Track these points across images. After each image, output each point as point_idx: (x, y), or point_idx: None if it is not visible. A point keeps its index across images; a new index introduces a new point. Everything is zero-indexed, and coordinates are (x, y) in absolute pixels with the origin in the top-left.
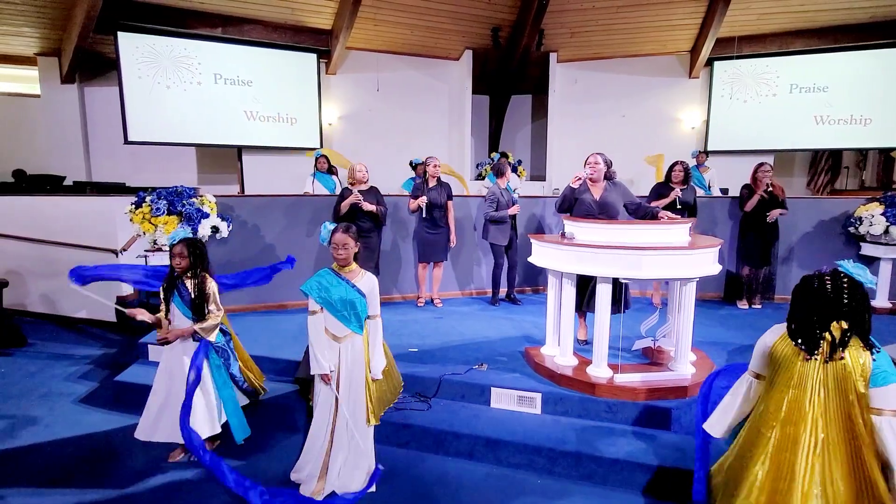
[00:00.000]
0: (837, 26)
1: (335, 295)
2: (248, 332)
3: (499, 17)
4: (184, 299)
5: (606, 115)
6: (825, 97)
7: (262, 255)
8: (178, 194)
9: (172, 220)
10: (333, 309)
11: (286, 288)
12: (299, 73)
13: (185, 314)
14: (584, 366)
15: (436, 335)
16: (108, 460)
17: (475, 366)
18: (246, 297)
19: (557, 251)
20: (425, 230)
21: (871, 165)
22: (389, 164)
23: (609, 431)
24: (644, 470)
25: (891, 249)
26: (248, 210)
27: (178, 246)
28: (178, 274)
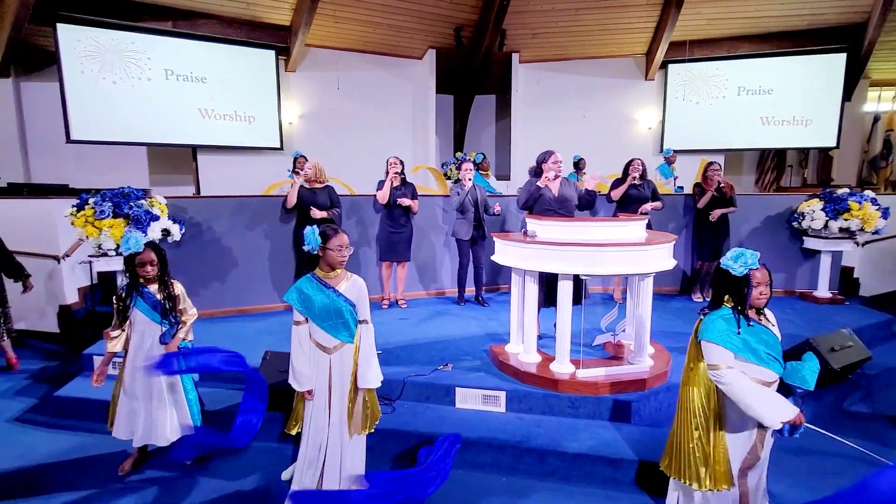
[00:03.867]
0: (779, 32)
1: (317, 304)
2: (207, 338)
3: (461, 16)
4: (150, 303)
5: (568, 115)
6: (770, 99)
7: (219, 258)
8: (124, 196)
9: (119, 224)
10: (318, 319)
11: (247, 291)
12: (257, 70)
13: (153, 319)
14: (547, 362)
15: (400, 336)
16: (49, 483)
17: (440, 366)
18: (205, 301)
19: (520, 249)
20: (389, 230)
21: (812, 164)
22: (352, 164)
23: (572, 427)
24: (606, 463)
25: (830, 243)
26: (203, 212)
27: (146, 254)
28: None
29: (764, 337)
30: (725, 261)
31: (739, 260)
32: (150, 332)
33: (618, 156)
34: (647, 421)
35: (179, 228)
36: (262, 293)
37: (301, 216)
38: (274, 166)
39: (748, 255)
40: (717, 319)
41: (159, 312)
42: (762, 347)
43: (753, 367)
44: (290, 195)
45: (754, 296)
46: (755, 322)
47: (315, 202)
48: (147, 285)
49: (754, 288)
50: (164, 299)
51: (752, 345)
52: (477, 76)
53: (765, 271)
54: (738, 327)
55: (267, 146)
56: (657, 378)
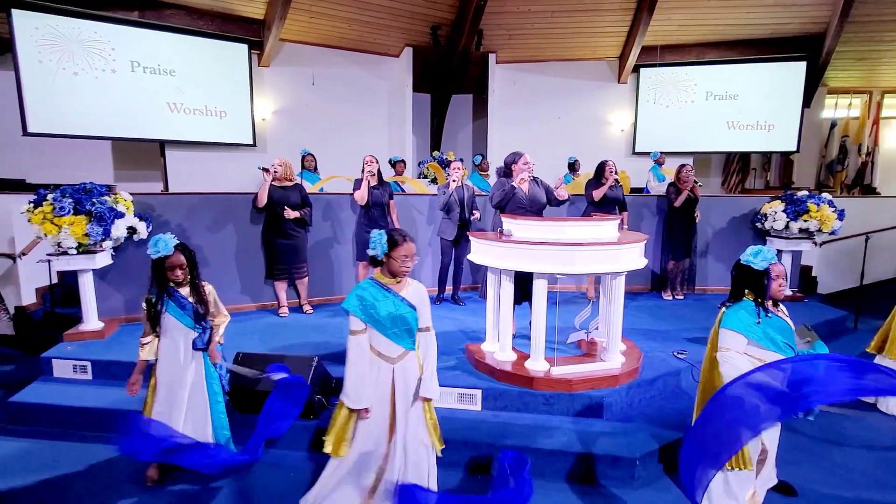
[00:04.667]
0: (744, 40)
1: (383, 311)
2: None
3: (438, 15)
4: (185, 309)
5: (543, 116)
6: (736, 104)
7: None
8: (86, 192)
9: (80, 221)
10: (382, 327)
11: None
12: (229, 64)
13: (185, 324)
14: (522, 360)
15: None
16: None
17: None
18: None
19: (496, 249)
20: (365, 229)
21: (774, 167)
22: (327, 162)
23: (546, 423)
24: (579, 459)
25: (791, 242)
26: (172, 209)
27: (176, 256)
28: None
29: (780, 326)
30: (746, 257)
31: (759, 256)
32: (183, 337)
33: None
34: (619, 416)
35: (146, 226)
36: (232, 293)
37: (271, 215)
38: (247, 163)
39: (766, 251)
40: (741, 311)
41: (192, 317)
42: (780, 336)
43: (771, 354)
44: (261, 194)
45: (774, 288)
46: (773, 313)
47: (287, 201)
48: (178, 289)
49: (773, 280)
50: (197, 303)
51: (770, 334)
52: (454, 75)
53: (781, 266)
54: (758, 318)
55: (239, 142)
56: (628, 374)
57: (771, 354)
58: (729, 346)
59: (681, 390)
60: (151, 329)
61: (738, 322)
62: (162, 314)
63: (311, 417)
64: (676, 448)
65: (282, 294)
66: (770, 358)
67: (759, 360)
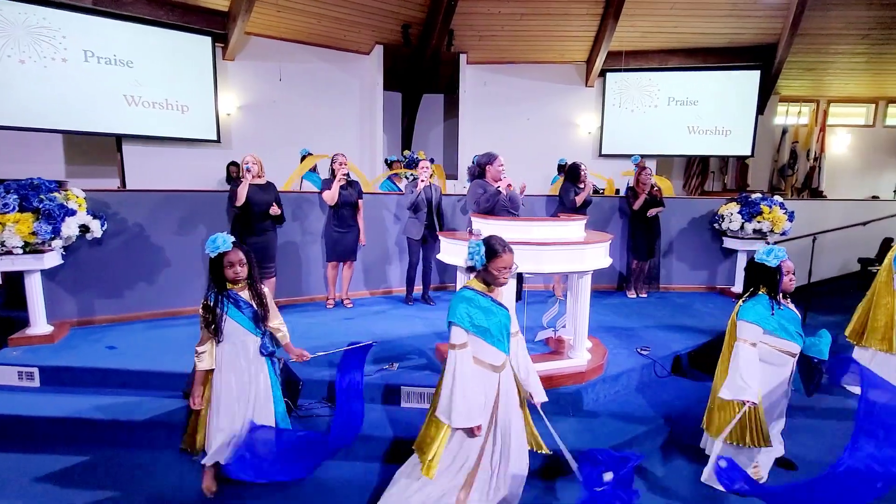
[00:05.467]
0: (704, 48)
1: (492, 320)
2: (129, 344)
3: (409, 14)
4: (245, 312)
5: (513, 117)
6: (696, 110)
7: (147, 257)
8: (33, 188)
9: (26, 218)
10: (490, 336)
11: (180, 293)
12: (191, 56)
13: (249, 329)
14: None
15: (346, 337)
16: None
17: (385, 366)
18: (130, 304)
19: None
20: (334, 229)
21: (731, 170)
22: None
23: None
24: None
25: (745, 242)
26: (128, 207)
27: (235, 253)
28: (234, 286)
29: (791, 317)
30: (760, 256)
31: (772, 254)
32: (245, 342)
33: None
34: (585, 412)
35: (100, 224)
36: (195, 294)
37: (243, 214)
38: (211, 159)
39: (777, 250)
40: (757, 304)
41: (254, 320)
42: (791, 326)
43: (784, 342)
44: (241, 193)
45: (785, 282)
46: (784, 305)
47: (262, 200)
48: (238, 291)
49: (785, 276)
50: (257, 305)
51: (783, 324)
52: (425, 75)
53: (790, 262)
54: (772, 310)
55: (202, 138)
56: (594, 371)
57: (784, 343)
58: (746, 336)
59: (644, 385)
60: (213, 335)
61: (754, 314)
62: (223, 318)
63: None
64: (643, 440)
65: None
66: (784, 345)
67: (774, 348)
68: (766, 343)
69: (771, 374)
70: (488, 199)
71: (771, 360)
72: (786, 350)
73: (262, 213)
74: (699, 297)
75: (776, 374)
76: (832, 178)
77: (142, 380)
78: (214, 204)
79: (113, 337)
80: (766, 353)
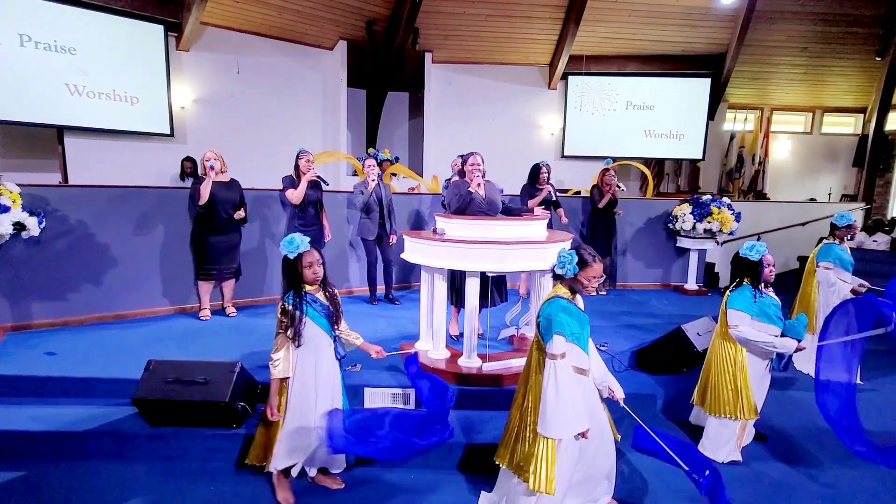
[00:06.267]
0: (659, 55)
1: (584, 327)
2: (72, 350)
3: (373, 10)
4: (322, 314)
5: (478, 117)
6: (652, 114)
7: (92, 257)
8: None
9: None
10: (583, 343)
11: (129, 294)
12: (141, 45)
13: (326, 330)
14: (455, 358)
15: None
16: None
17: (348, 367)
18: (74, 307)
19: (430, 247)
20: (299, 227)
21: (684, 173)
22: (255, 156)
23: (479, 419)
24: None
25: (697, 242)
26: (71, 203)
27: (312, 253)
28: (310, 287)
29: (771, 303)
30: (743, 251)
31: (754, 249)
32: (320, 346)
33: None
34: None
35: (38, 222)
36: (146, 296)
37: (206, 213)
38: (164, 154)
39: (759, 246)
40: (743, 294)
41: (329, 322)
42: (772, 311)
43: (767, 326)
44: (204, 191)
45: (766, 274)
46: (766, 294)
47: (227, 198)
48: (313, 292)
49: (765, 268)
50: (331, 306)
51: (765, 310)
52: (390, 72)
53: (770, 256)
54: (755, 298)
55: (154, 132)
56: None
57: (767, 326)
58: (737, 322)
59: None
60: (293, 339)
61: (741, 303)
62: (303, 321)
63: (233, 426)
64: None
65: (205, 296)
66: (767, 329)
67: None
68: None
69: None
70: (459, 199)
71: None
72: (768, 332)
73: (225, 212)
74: (655, 294)
75: (760, 354)
76: (775, 181)
77: (86, 387)
78: (169, 201)
79: (54, 342)
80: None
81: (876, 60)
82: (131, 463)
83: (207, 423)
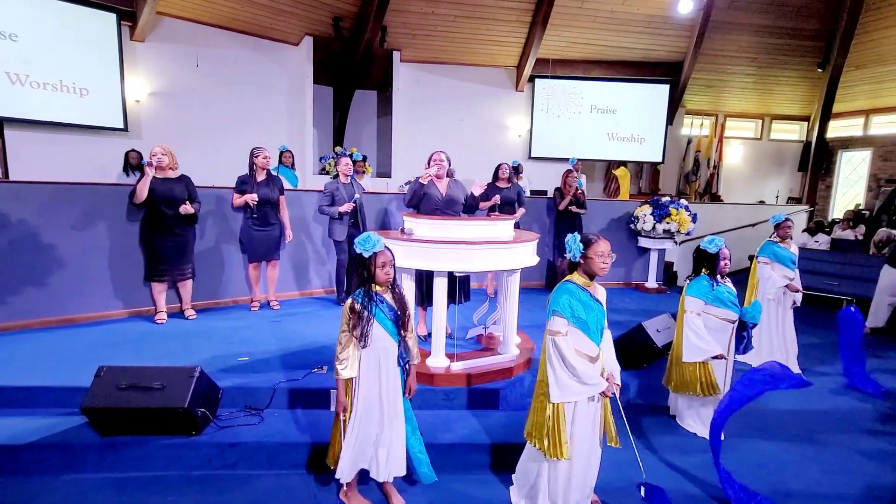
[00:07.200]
0: (622, 61)
1: (591, 315)
2: (13, 357)
3: (341, 6)
4: (389, 316)
5: (446, 117)
6: (614, 118)
7: (35, 258)
8: None
9: None
10: (587, 329)
11: (76, 297)
12: (92, 34)
13: (391, 334)
14: (423, 358)
15: (272, 340)
16: None
17: (314, 369)
18: (15, 311)
19: (397, 247)
20: (254, 228)
21: (645, 175)
22: (216, 153)
23: (446, 418)
24: (478, 450)
25: (657, 241)
26: (13, 201)
27: (385, 254)
28: (380, 288)
29: (727, 290)
30: (703, 244)
31: (713, 243)
32: (387, 349)
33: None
34: (514, 406)
35: None
36: (97, 298)
37: (152, 211)
38: (118, 149)
39: (717, 240)
40: (699, 283)
41: (396, 325)
42: (727, 298)
43: (722, 311)
44: (141, 188)
45: (721, 266)
46: (721, 283)
47: (172, 195)
48: (382, 293)
49: (721, 260)
50: (399, 310)
51: (720, 297)
52: (358, 70)
53: (726, 250)
54: (711, 287)
55: (106, 126)
56: (522, 366)
57: (722, 311)
58: (692, 308)
59: None
60: (359, 339)
61: (696, 290)
62: (371, 323)
63: (192, 434)
64: None
65: (160, 298)
66: (722, 314)
67: (716, 316)
68: (708, 313)
69: (714, 337)
70: (412, 193)
71: (713, 327)
72: (724, 318)
73: (173, 211)
74: (617, 293)
75: (718, 339)
76: (728, 184)
77: (29, 397)
78: (120, 198)
79: None
80: (709, 321)
81: (818, 72)
82: (81, 476)
83: (165, 431)
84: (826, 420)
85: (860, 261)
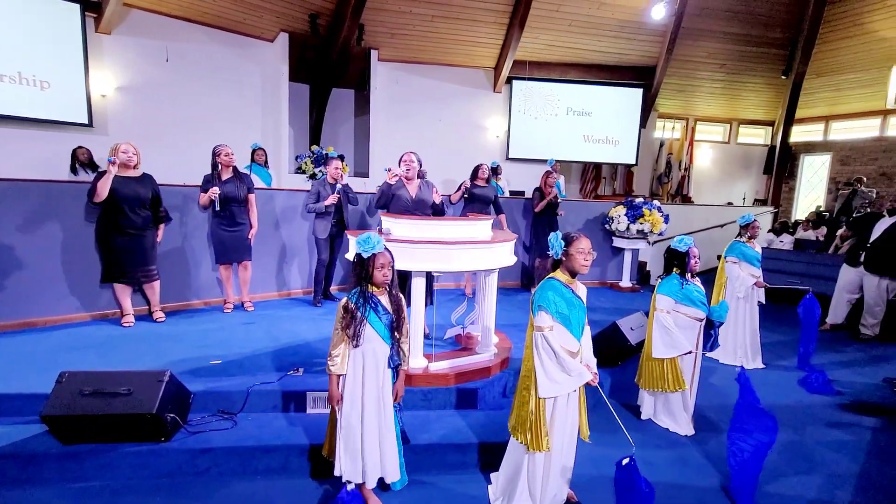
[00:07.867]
0: (597, 65)
1: (574, 311)
2: None
3: (317, 3)
4: (383, 319)
5: (424, 116)
6: (590, 121)
7: None
8: None
9: None
10: (569, 324)
11: (34, 300)
12: (54, 24)
13: (383, 337)
14: None
15: (245, 343)
16: None
17: (290, 371)
18: None
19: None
20: (221, 228)
21: (619, 177)
22: (186, 150)
23: (425, 419)
24: (455, 450)
25: (631, 241)
26: None
27: (385, 255)
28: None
29: (696, 289)
30: (674, 244)
31: (682, 242)
32: (376, 351)
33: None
34: (492, 405)
35: None
36: (55, 302)
37: (109, 209)
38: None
39: (687, 239)
40: (669, 281)
41: (389, 328)
42: (697, 296)
43: (691, 310)
44: (102, 187)
45: (692, 264)
46: (691, 282)
47: (136, 195)
48: (378, 295)
49: (691, 259)
50: (394, 313)
51: (690, 295)
52: (335, 68)
53: (696, 249)
54: (681, 285)
55: (70, 121)
56: (500, 365)
57: (691, 310)
58: (662, 306)
59: None
60: (351, 338)
61: (666, 288)
62: (364, 324)
63: (161, 440)
64: None
65: (125, 300)
66: (691, 312)
67: (685, 315)
68: (678, 311)
69: (684, 335)
70: (379, 193)
71: (682, 325)
72: (693, 316)
73: (133, 211)
74: (593, 292)
75: (687, 336)
76: (698, 186)
77: None
78: (82, 195)
79: None
80: (679, 320)
81: (782, 78)
82: (40, 487)
83: (133, 438)
84: (788, 413)
85: (823, 260)
